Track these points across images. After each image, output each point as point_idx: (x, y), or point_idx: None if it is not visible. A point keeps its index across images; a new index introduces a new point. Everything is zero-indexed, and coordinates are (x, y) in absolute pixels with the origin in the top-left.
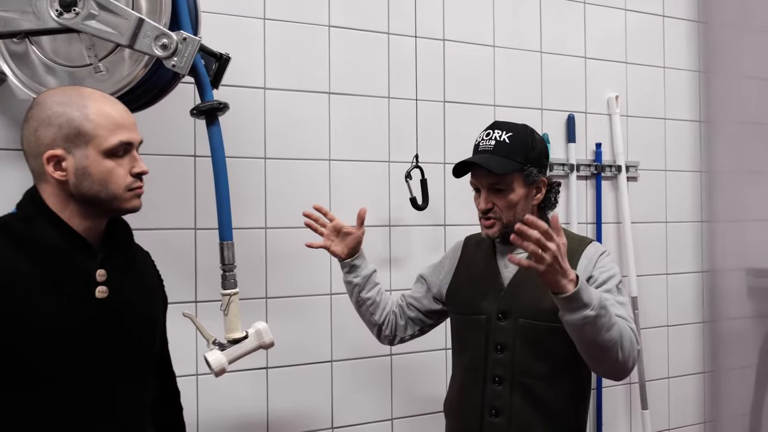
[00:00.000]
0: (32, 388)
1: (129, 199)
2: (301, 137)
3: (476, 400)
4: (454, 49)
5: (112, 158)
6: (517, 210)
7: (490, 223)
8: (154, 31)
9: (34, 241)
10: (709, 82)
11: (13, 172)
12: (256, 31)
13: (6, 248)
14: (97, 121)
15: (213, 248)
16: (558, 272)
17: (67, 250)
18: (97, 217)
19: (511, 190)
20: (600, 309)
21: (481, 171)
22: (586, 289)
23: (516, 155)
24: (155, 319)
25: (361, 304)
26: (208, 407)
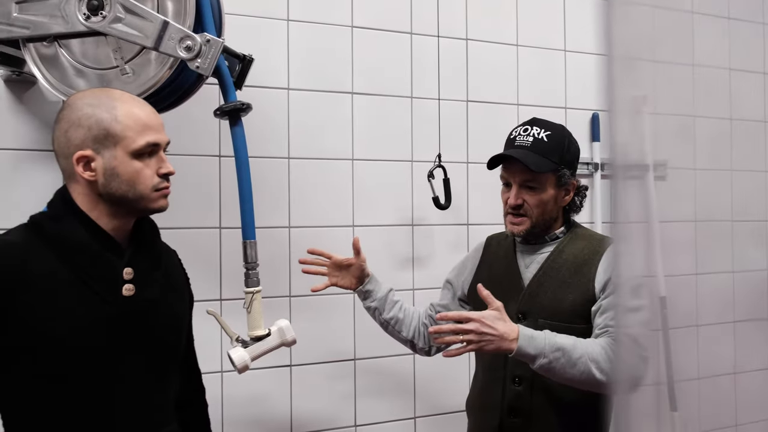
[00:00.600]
0: (59, 383)
1: (156, 199)
2: (325, 137)
3: (496, 400)
4: (477, 48)
5: (139, 159)
6: (546, 210)
7: (519, 220)
8: (179, 34)
9: (63, 240)
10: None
11: (45, 172)
12: (279, 33)
13: (37, 246)
14: (126, 122)
15: (238, 247)
16: (493, 341)
17: (96, 248)
18: (124, 216)
19: (543, 190)
20: (553, 353)
21: (517, 166)
22: (531, 341)
23: (552, 155)
24: (181, 317)
25: (386, 326)
26: (233, 404)
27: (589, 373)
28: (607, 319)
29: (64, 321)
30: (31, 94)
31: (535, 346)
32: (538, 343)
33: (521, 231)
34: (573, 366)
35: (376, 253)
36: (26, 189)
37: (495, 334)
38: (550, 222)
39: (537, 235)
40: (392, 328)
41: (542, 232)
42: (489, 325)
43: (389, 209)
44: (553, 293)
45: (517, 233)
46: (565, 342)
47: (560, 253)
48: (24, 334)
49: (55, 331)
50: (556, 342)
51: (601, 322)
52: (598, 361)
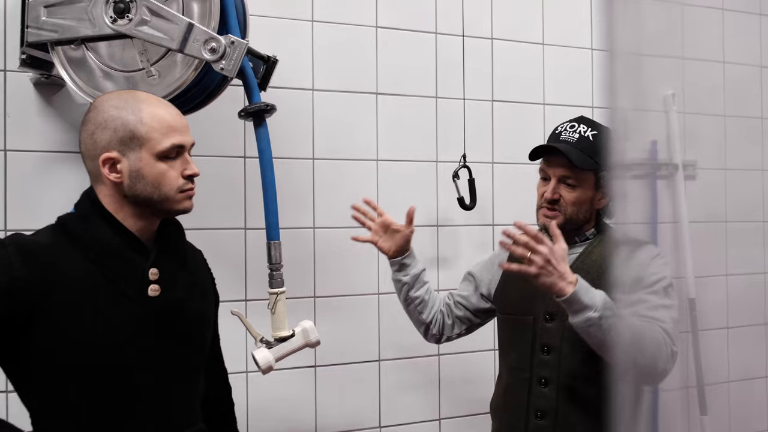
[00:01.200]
0: (87, 383)
1: (180, 200)
2: (349, 138)
3: (522, 402)
4: (503, 47)
5: (164, 161)
6: (581, 209)
7: (552, 214)
8: (203, 36)
9: (90, 240)
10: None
11: (73, 173)
12: (304, 33)
13: (64, 246)
14: (151, 124)
15: (262, 248)
16: (553, 275)
17: (122, 249)
18: (149, 217)
19: (581, 188)
20: (604, 310)
21: (558, 160)
22: (587, 291)
23: (596, 155)
24: (207, 317)
25: (409, 303)
26: (258, 404)
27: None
28: (639, 311)
29: (93, 321)
30: (59, 97)
31: (590, 297)
32: (593, 295)
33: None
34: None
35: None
36: (55, 190)
37: (557, 268)
38: (582, 222)
39: (567, 235)
40: (414, 308)
41: (573, 231)
42: (556, 259)
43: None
44: None
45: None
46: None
47: (589, 254)
48: (53, 335)
49: (84, 331)
50: (609, 301)
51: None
52: (642, 337)
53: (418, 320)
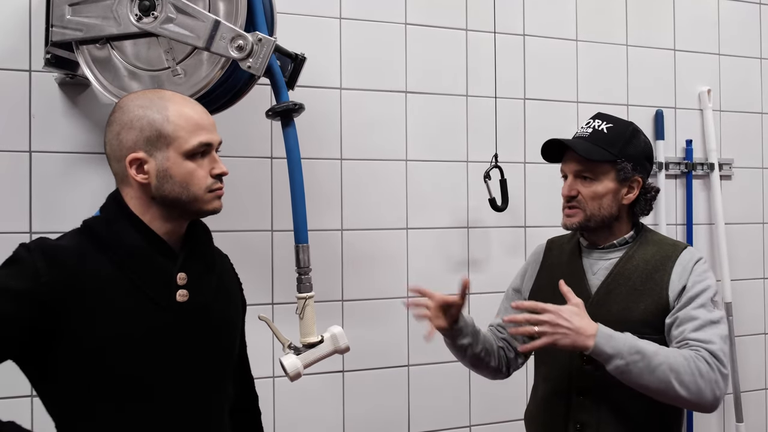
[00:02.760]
0: (114, 390)
1: (210, 200)
2: (378, 137)
3: (560, 413)
4: (535, 44)
5: (192, 159)
6: (602, 203)
7: (572, 212)
8: (230, 33)
9: (117, 244)
10: None
11: (98, 175)
12: (332, 31)
13: (90, 250)
14: (177, 122)
15: (290, 250)
16: (568, 335)
17: (149, 252)
18: (177, 219)
19: (598, 181)
20: (632, 356)
21: (571, 156)
22: (610, 339)
23: (611, 146)
24: (234, 323)
25: (476, 360)
26: (285, 410)
27: (668, 383)
28: (686, 331)
29: (120, 327)
30: (84, 97)
31: (613, 346)
32: (617, 342)
33: (574, 223)
34: (651, 372)
35: (429, 256)
36: (80, 192)
37: (571, 327)
38: (609, 219)
39: (601, 236)
40: (481, 361)
41: (605, 232)
42: (565, 318)
43: (444, 211)
44: (623, 301)
45: (569, 225)
46: (646, 346)
47: (630, 258)
48: (80, 341)
49: (111, 338)
50: (637, 345)
51: (678, 334)
52: (680, 372)
53: (487, 369)
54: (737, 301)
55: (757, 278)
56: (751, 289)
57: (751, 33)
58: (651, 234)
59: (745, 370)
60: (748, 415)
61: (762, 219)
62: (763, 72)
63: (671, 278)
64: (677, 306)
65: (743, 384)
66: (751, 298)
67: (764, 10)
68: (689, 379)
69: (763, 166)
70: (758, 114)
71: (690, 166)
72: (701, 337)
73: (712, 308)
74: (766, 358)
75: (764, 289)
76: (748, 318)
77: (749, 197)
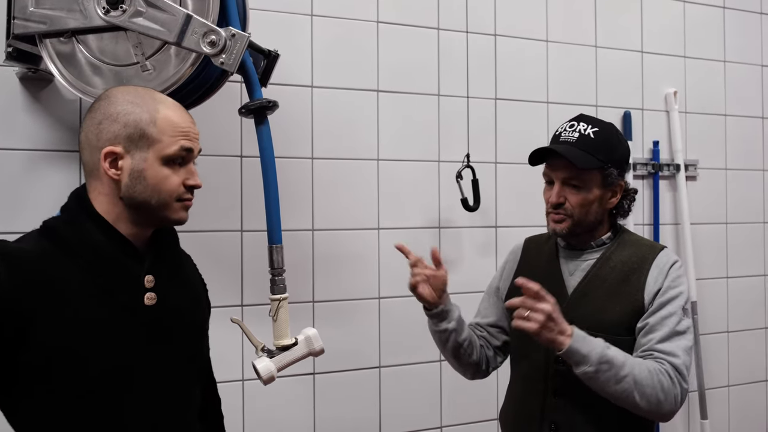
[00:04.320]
0: (80, 398)
1: (177, 209)
2: (350, 136)
3: (535, 413)
4: (506, 44)
5: (169, 166)
6: (589, 210)
7: (559, 217)
8: (202, 28)
9: (81, 246)
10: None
11: (61, 173)
12: (303, 28)
13: (52, 253)
14: (163, 126)
15: (260, 251)
16: (553, 330)
17: (115, 254)
18: (142, 225)
19: (587, 189)
20: (600, 364)
21: (560, 162)
22: (583, 344)
23: (599, 152)
24: (201, 326)
25: (457, 349)
26: (254, 414)
27: (631, 393)
28: (653, 341)
29: (87, 332)
30: (47, 93)
31: (585, 351)
32: (589, 347)
33: (562, 229)
34: (617, 382)
35: (401, 257)
36: (42, 191)
37: (559, 323)
38: (594, 224)
39: (581, 239)
40: (464, 352)
41: (586, 235)
42: (556, 313)
43: (416, 211)
44: (599, 303)
45: (558, 231)
46: (614, 356)
47: (607, 260)
48: (45, 350)
49: (76, 344)
50: (606, 354)
51: (646, 342)
52: (643, 385)
53: (467, 364)
54: (702, 300)
55: (720, 277)
56: (714, 289)
57: (715, 36)
58: (628, 234)
59: (709, 368)
60: (712, 412)
61: (725, 219)
62: (727, 74)
63: (647, 280)
64: (650, 309)
65: (707, 381)
66: (714, 297)
67: (727, 14)
68: (650, 392)
69: (727, 168)
70: (722, 116)
71: (657, 167)
72: (667, 349)
73: (681, 316)
74: (728, 355)
75: (727, 288)
76: (712, 317)
77: (713, 198)
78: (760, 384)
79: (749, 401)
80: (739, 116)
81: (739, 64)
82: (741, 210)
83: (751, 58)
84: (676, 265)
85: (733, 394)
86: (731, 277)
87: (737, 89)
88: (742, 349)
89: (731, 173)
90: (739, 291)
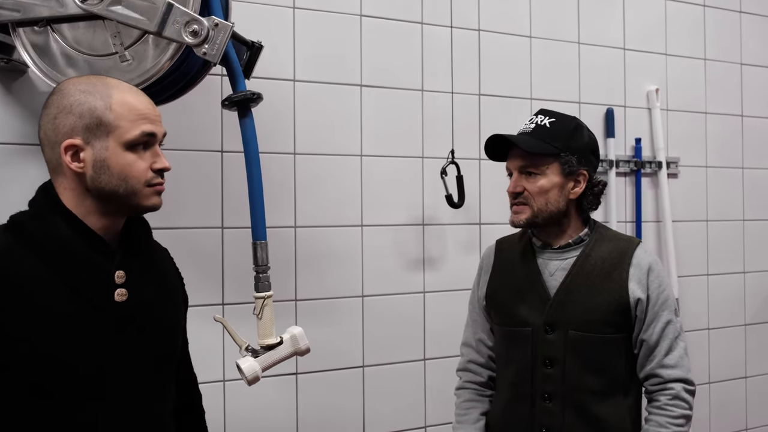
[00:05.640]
0: (51, 394)
1: (148, 195)
2: (332, 132)
3: (524, 418)
4: (490, 39)
5: (133, 151)
6: (549, 198)
7: (519, 208)
8: (184, 17)
9: (47, 241)
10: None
11: (34, 167)
12: (285, 20)
13: (18, 249)
14: (120, 111)
15: (240, 248)
16: None
17: (84, 250)
18: (114, 215)
19: (543, 175)
20: None
21: (515, 152)
22: None
23: (554, 140)
24: (176, 322)
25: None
26: (236, 414)
27: None
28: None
29: (55, 330)
30: (20, 84)
31: None
32: None
33: (521, 220)
34: None
35: (385, 254)
36: (13, 186)
37: None
38: (557, 215)
39: (549, 233)
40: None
41: (553, 228)
42: None
43: (399, 208)
44: (584, 301)
45: (517, 222)
46: None
47: (587, 257)
48: (9, 348)
49: (44, 343)
50: None
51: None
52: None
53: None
54: (683, 298)
55: (701, 275)
56: (695, 286)
57: (696, 34)
58: (604, 230)
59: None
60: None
61: (706, 217)
62: (707, 72)
63: (629, 276)
64: (646, 321)
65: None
66: (695, 294)
67: (707, 12)
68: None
69: (707, 165)
70: (702, 114)
71: (639, 164)
72: (674, 375)
73: (674, 317)
74: (709, 353)
75: (708, 285)
76: (693, 314)
77: (694, 196)
78: (740, 381)
79: (729, 397)
80: (719, 114)
81: (719, 62)
82: (721, 208)
83: (731, 56)
84: (655, 265)
85: (714, 391)
86: (712, 274)
87: (717, 87)
88: (723, 345)
89: (711, 171)
90: (720, 288)
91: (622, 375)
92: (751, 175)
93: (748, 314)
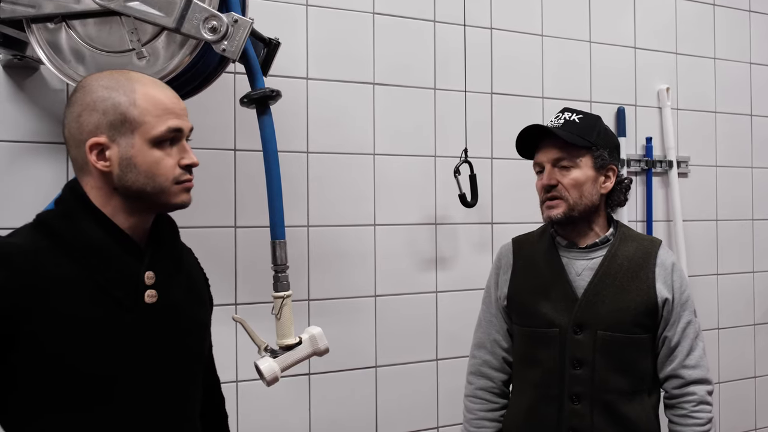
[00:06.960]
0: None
1: (177, 192)
2: (345, 130)
3: (551, 420)
4: (502, 38)
5: (159, 147)
6: (583, 191)
7: (554, 203)
8: (203, 13)
9: (77, 241)
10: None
11: (47, 166)
12: (298, 18)
13: (46, 249)
14: (145, 106)
15: (253, 247)
16: None
17: (113, 250)
18: (142, 213)
19: (577, 167)
20: None
21: (549, 144)
22: None
23: (587, 134)
24: (204, 323)
25: None
26: (249, 415)
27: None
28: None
29: (84, 332)
30: (32, 81)
31: None
32: None
33: (558, 214)
34: None
35: (397, 254)
36: (27, 185)
37: None
38: (590, 210)
39: (579, 229)
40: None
41: (583, 224)
42: None
43: (412, 207)
44: (612, 301)
45: (553, 217)
46: None
47: (614, 257)
48: (40, 348)
49: (74, 344)
50: None
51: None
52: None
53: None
54: (693, 297)
55: (711, 274)
56: (705, 285)
57: (706, 33)
58: (627, 229)
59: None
60: None
61: (716, 216)
62: (717, 72)
63: (656, 276)
64: (670, 320)
65: None
66: (705, 294)
67: (717, 11)
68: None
69: (717, 165)
70: (712, 113)
71: (650, 164)
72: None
73: (693, 317)
74: (719, 352)
75: (718, 285)
76: (702, 314)
77: (704, 195)
78: (749, 380)
79: (738, 397)
80: (728, 113)
81: (729, 62)
82: (730, 207)
83: (741, 55)
84: (677, 265)
85: (723, 391)
86: (721, 273)
87: (727, 86)
88: (732, 345)
89: (721, 170)
90: (729, 288)
91: (649, 375)
92: (760, 175)
93: (758, 314)
